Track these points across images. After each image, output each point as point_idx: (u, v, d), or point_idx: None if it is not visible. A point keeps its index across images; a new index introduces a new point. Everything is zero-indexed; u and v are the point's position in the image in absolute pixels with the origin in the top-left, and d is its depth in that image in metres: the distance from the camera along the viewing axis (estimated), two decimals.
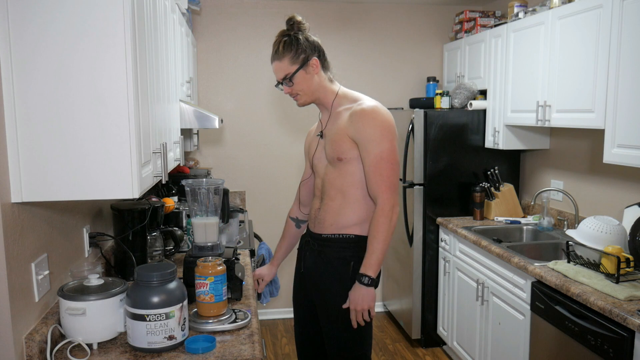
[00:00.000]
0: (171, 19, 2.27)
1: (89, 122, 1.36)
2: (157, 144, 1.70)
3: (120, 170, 1.39)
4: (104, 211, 2.29)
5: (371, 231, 1.86)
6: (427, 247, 3.65)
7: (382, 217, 1.84)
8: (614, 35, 2.31)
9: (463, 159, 3.60)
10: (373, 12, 4.19)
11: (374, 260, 1.85)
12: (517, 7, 3.27)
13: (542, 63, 2.86)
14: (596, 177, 2.99)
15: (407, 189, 3.67)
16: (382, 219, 1.84)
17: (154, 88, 1.70)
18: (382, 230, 1.84)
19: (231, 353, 1.53)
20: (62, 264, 1.75)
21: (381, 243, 1.84)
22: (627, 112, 2.25)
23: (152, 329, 1.49)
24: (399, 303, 4.03)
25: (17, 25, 1.29)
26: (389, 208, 1.84)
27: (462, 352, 3.29)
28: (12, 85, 1.31)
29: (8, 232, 1.36)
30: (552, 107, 2.79)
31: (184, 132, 3.24)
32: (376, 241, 1.84)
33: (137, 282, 1.53)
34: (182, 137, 2.46)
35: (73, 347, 1.53)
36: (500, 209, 3.47)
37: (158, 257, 2.31)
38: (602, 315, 2.01)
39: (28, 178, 1.36)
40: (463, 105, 3.65)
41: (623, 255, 2.18)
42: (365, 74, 4.23)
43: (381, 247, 1.84)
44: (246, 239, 2.94)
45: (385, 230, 1.84)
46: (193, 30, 3.88)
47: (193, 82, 3.43)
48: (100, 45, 1.33)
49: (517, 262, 2.57)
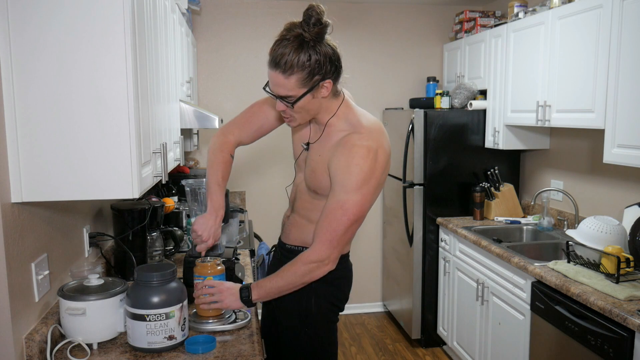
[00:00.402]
0: (171, 19, 2.27)
1: (89, 122, 1.36)
2: (157, 144, 1.70)
3: (120, 170, 1.39)
4: (104, 211, 2.29)
5: (287, 266, 1.60)
6: (427, 247, 3.65)
7: (303, 264, 1.57)
8: (614, 35, 2.31)
9: (463, 159, 3.60)
10: (373, 12, 4.19)
11: (267, 291, 1.62)
12: (517, 7, 3.27)
13: (542, 63, 2.86)
14: (596, 177, 2.99)
15: (407, 189, 3.67)
16: (302, 266, 1.57)
17: (154, 88, 1.70)
18: (293, 275, 1.58)
19: (231, 353, 1.53)
20: (62, 264, 1.75)
21: (283, 284, 1.60)
22: (627, 112, 2.25)
23: (152, 329, 1.49)
24: (399, 303, 4.03)
25: (17, 25, 1.29)
26: (316, 259, 1.55)
27: (462, 352, 3.29)
28: (12, 85, 1.31)
29: (8, 232, 1.36)
30: (552, 107, 2.79)
31: (184, 132, 3.24)
32: (282, 280, 1.60)
33: (137, 282, 1.53)
34: (182, 137, 2.46)
35: (73, 347, 1.53)
36: (500, 209, 3.47)
37: (158, 257, 2.32)
38: (602, 315, 2.01)
39: (28, 178, 1.36)
40: (463, 105, 3.65)
41: (623, 255, 2.18)
42: (365, 74, 4.23)
43: (281, 287, 1.60)
44: (246, 239, 2.94)
45: (297, 278, 1.58)
46: (193, 30, 3.88)
47: (193, 82, 3.43)
48: (100, 45, 1.33)
49: (517, 262, 2.57)
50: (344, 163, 1.52)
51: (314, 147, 1.67)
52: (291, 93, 1.51)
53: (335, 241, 1.55)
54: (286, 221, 1.83)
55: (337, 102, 1.61)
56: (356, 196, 1.52)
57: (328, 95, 1.56)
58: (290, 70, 1.47)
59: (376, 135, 1.57)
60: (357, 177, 1.51)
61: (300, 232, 1.74)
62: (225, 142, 1.81)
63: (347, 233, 1.57)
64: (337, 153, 1.55)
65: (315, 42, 1.46)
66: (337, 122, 1.61)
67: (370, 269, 4.43)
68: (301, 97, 1.51)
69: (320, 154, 1.63)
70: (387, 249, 4.26)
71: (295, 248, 1.75)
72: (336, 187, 1.54)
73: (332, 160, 1.56)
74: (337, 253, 1.58)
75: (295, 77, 1.48)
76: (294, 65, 1.46)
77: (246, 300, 1.63)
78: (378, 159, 1.54)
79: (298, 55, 1.45)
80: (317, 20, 1.45)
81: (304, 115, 1.59)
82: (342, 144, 1.55)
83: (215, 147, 1.81)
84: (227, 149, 1.81)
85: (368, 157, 1.52)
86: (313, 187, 1.66)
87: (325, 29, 1.48)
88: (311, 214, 1.69)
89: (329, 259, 1.57)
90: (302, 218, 1.73)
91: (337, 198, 1.53)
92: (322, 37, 1.48)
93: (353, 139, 1.54)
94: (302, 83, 1.49)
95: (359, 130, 1.56)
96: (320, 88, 1.52)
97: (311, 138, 1.70)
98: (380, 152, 1.55)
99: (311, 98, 1.53)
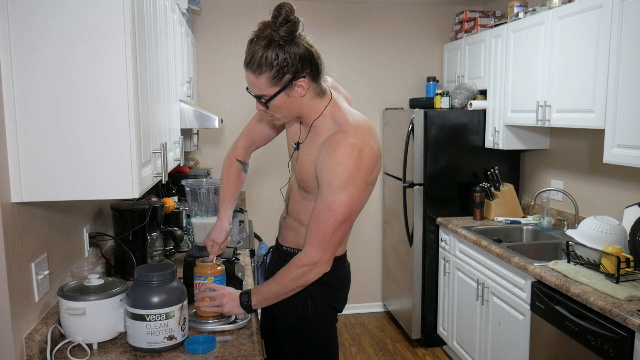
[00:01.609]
0: (171, 19, 2.27)
1: (89, 122, 1.36)
2: (157, 144, 1.70)
3: (120, 170, 1.39)
4: (104, 211, 2.29)
5: (282, 271, 1.60)
6: (427, 247, 3.65)
7: (296, 268, 1.56)
8: (614, 35, 2.31)
9: (463, 159, 3.60)
10: (373, 12, 4.19)
11: (265, 296, 1.62)
12: (517, 7, 3.27)
13: (542, 63, 2.86)
14: (596, 177, 2.99)
15: (407, 189, 3.67)
16: (295, 270, 1.56)
17: (154, 88, 1.70)
18: (287, 279, 1.57)
19: (231, 353, 1.53)
20: (62, 264, 1.75)
21: (279, 289, 1.59)
22: (627, 112, 2.25)
23: (152, 329, 1.49)
24: (399, 303, 4.03)
25: (17, 25, 1.29)
26: (308, 262, 1.54)
27: (462, 352, 3.29)
28: (12, 85, 1.31)
29: (8, 232, 1.36)
30: (552, 107, 2.79)
31: (184, 132, 3.24)
32: (277, 284, 1.59)
33: (137, 282, 1.53)
34: (182, 137, 2.46)
35: (73, 347, 1.53)
36: (500, 209, 3.47)
37: (158, 257, 2.32)
38: (602, 315, 2.01)
39: (28, 178, 1.36)
40: (463, 105, 3.65)
41: (623, 255, 2.18)
42: (365, 74, 4.23)
43: (277, 291, 1.60)
44: (246, 239, 2.94)
45: (292, 282, 1.57)
46: (193, 30, 3.88)
47: (193, 82, 3.43)
48: (100, 45, 1.33)
49: (517, 262, 2.57)
50: (328, 162, 1.50)
51: (302, 147, 1.67)
52: (263, 92, 1.51)
53: (325, 243, 1.54)
54: (282, 223, 1.83)
55: (322, 102, 1.59)
56: (343, 196, 1.49)
57: (307, 95, 1.54)
58: (259, 70, 1.47)
59: (362, 133, 1.54)
60: (342, 176, 1.48)
61: (294, 234, 1.75)
62: (234, 149, 1.94)
63: (336, 234, 1.54)
64: (322, 152, 1.53)
65: (285, 41, 1.45)
66: (324, 122, 1.60)
67: (370, 269, 4.44)
68: (274, 96, 1.51)
69: (307, 153, 1.63)
70: (387, 249, 4.26)
71: (291, 250, 1.75)
72: (323, 187, 1.52)
73: (318, 160, 1.54)
74: (329, 254, 1.56)
75: (265, 76, 1.48)
76: (262, 64, 1.46)
77: (246, 305, 1.64)
78: (364, 157, 1.50)
79: (265, 54, 1.45)
80: (285, 19, 1.44)
81: (284, 114, 1.58)
82: (327, 143, 1.53)
83: (225, 159, 1.95)
84: (234, 155, 1.92)
85: (352, 155, 1.48)
86: (303, 185, 1.66)
87: (294, 27, 1.46)
88: (302, 216, 1.69)
89: (322, 261, 1.55)
90: (295, 221, 1.74)
91: (324, 199, 1.51)
92: (292, 35, 1.46)
93: (337, 137, 1.52)
94: (271, 82, 1.48)
95: (344, 129, 1.54)
96: (295, 87, 1.51)
97: (300, 138, 1.70)
98: (367, 150, 1.51)
99: (286, 97, 1.52)
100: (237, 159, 1.90)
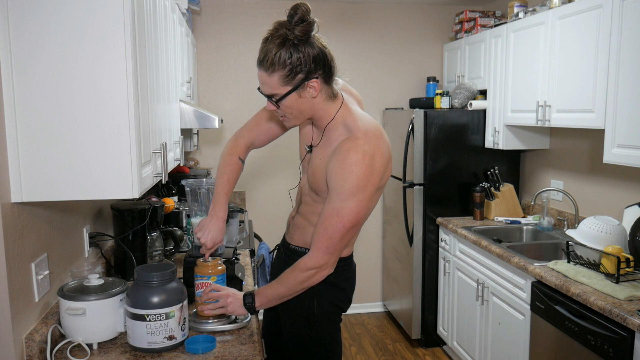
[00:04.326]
0: (171, 19, 2.27)
1: (89, 122, 1.36)
2: (157, 144, 1.71)
3: (120, 170, 1.39)
4: (104, 211, 2.29)
5: (286, 273, 1.62)
6: (427, 247, 3.65)
7: (301, 272, 1.57)
8: (614, 35, 2.31)
9: (463, 159, 3.60)
10: (373, 12, 4.19)
11: (269, 298, 1.64)
12: (517, 7, 3.27)
13: (542, 63, 2.86)
14: (596, 177, 2.99)
15: (407, 189, 3.67)
16: (300, 273, 1.58)
17: (154, 88, 1.70)
18: (292, 282, 1.59)
19: (231, 353, 1.53)
20: (62, 264, 1.75)
21: (283, 290, 1.61)
22: (627, 112, 2.25)
23: (152, 329, 1.49)
24: (399, 303, 4.03)
25: (17, 25, 1.29)
26: (313, 266, 1.56)
27: (462, 352, 3.29)
28: (12, 85, 1.31)
29: (8, 232, 1.36)
30: (552, 107, 2.79)
31: (184, 132, 3.24)
32: (282, 286, 1.61)
33: (137, 282, 1.53)
34: (182, 137, 2.46)
35: (73, 347, 1.53)
36: (500, 209, 3.47)
37: (158, 257, 2.31)
38: (602, 315, 2.01)
39: (28, 178, 1.36)
40: (463, 105, 3.65)
41: (623, 255, 2.18)
42: (365, 74, 4.23)
43: (281, 293, 1.62)
44: (246, 239, 2.94)
45: (296, 284, 1.59)
46: (193, 30, 3.88)
47: (193, 82, 3.43)
48: (100, 46, 1.33)
49: (517, 262, 2.57)
50: (339, 169, 1.50)
51: (316, 150, 1.67)
52: (275, 91, 1.51)
53: (332, 248, 1.55)
54: (291, 221, 1.84)
55: (334, 106, 1.59)
56: (351, 203, 1.50)
57: (319, 96, 1.54)
58: (272, 68, 1.46)
59: (373, 139, 1.53)
60: (352, 183, 1.48)
61: (302, 234, 1.75)
62: (236, 146, 1.84)
63: (343, 239, 1.56)
64: (333, 159, 1.53)
65: (300, 40, 1.45)
66: (336, 127, 1.59)
67: (370, 269, 4.44)
68: (285, 96, 1.50)
69: (321, 157, 1.63)
70: (387, 249, 4.26)
71: (298, 249, 1.76)
72: (332, 193, 1.52)
73: (329, 166, 1.54)
74: (334, 258, 1.58)
75: (277, 75, 1.47)
76: (275, 63, 1.45)
77: (250, 307, 1.64)
78: (375, 164, 1.50)
79: (279, 53, 1.44)
80: (300, 18, 1.44)
81: (296, 115, 1.57)
82: (338, 149, 1.53)
83: (225, 151, 1.84)
84: (236, 152, 1.83)
85: (363, 163, 1.48)
86: (314, 188, 1.67)
87: (309, 27, 1.46)
88: (312, 217, 1.70)
89: (327, 264, 1.57)
90: (305, 220, 1.74)
91: (332, 205, 1.52)
92: (306, 35, 1.46)
93: (348, 145, 1.51)
94: (284, 81, 1.48)
95: (355, 135, 1.53)
96: (307, 88, 1.50)
97: (314, 141, 1.69)
98: (378, 157, 1.51)
99: (298, 97, 1.51)
100: (240, 158, 1.86)
